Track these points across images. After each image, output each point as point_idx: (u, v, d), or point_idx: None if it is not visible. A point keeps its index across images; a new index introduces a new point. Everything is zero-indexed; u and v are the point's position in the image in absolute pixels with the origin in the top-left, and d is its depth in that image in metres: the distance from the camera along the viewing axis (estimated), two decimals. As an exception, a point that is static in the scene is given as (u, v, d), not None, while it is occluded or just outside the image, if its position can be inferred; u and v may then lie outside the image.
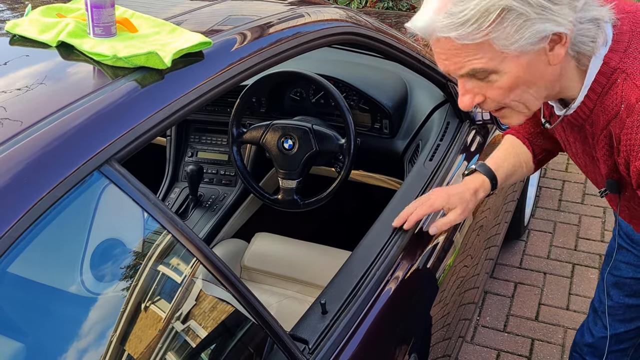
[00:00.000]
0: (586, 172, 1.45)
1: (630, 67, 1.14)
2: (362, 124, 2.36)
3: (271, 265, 2.12)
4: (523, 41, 1.08)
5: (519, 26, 1.07)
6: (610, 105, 1.17)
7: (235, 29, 1.39)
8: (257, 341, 1.23)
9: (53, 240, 0.95)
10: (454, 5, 1.09)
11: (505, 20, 1.07)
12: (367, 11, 4.33)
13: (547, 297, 2.89)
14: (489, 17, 1.06)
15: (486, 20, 1.06)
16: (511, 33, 1.07)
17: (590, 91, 1.19)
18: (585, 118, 1.24)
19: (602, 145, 1.24)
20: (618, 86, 1.15)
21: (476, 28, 1.07)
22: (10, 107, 1.04)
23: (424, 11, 1.15)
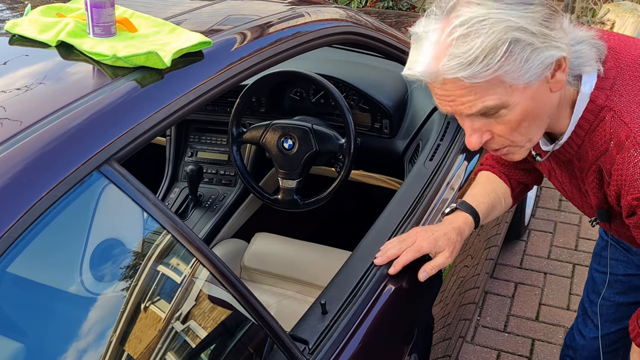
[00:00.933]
0: (573, 202, 1.46)
1: (618, 105, 1.16)
2: (362, 124, 2.35)
3: (271, 265, 2.12)
4: (532, 71, 1.07)
5: (527, 57, 1.06)
6: (599, 142, 1.19)
7: (235, 29, 1.39)
8: (257, 341, 1.23)
9: (53, 240, 0.95)
10: (458, 47, 1.06)
11: (513, 53, 1.05)
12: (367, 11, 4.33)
13: (547, 297, 2.89)
14: (498, 51, 1.05)
15: (495, 55, 1.05)
16: (521, 65, 1.06)
17: (578, 127, 1.21)
18: (573, 153, 1.26)
19: (592, 179, 1.26)
20: (606, 123, 1.17)
21: (486, 65, 1.05)
22: (10, 107, 1.04)
23: (419, 56, 1.12)
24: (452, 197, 1.87)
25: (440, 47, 1.08)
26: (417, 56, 1.13)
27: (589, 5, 5.78)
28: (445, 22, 1.09)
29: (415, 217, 1.69)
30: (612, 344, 1.81)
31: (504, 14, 1.05)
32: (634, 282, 1.70)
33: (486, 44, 1.04)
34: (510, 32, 1.05)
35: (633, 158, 1.14)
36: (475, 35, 1.05)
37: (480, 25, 1.05)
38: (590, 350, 1.86)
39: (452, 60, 1.06)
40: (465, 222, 1.51)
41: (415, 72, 1.13)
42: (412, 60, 1.15)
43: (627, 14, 5.18)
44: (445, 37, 1.08)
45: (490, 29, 1.05)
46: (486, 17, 1.05)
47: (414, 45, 1.15)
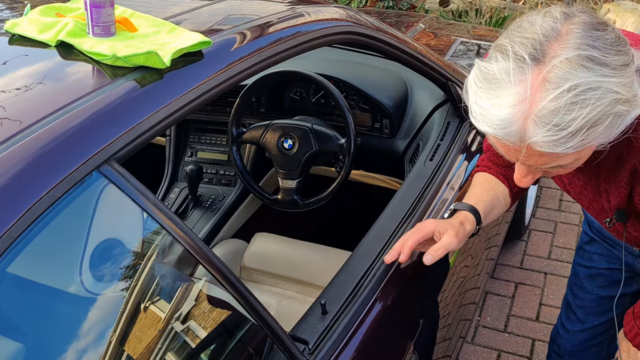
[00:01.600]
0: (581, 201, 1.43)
1: None
2: (362, 124, 2.35)
3: (271, 265, 2.12)
4: (617, 132, 1.00)
5: (619, 124, 0.99)
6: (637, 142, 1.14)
7: (235, 29, 1.39)
8: (257, 341, 1.23)
9: (52, 240, 0.95)
10: (561, 116, 0.94)
11: (611, 126, 0.97)
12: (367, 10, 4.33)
13: (547, 298, 2.89)
14: (599, 127, 0.96)
15: (595, 130, 0.96)
16: (611, 132, 0.99)
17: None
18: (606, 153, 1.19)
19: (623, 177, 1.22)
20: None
21: (582, 139, 0.96)
22: (10, 107, 1.04)
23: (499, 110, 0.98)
24: (452, 197, 1.87)
25: (533, 107, 0.96)
26: (497, 110, 0.99)
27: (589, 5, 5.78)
28: (537, 73, 0.96)
29: (415, 217, 1.69)
30: (597, 336, 1.82)
31: (613, 84, 0.95)
32: (617, 276, 1.71)
33: (591, 116, 0.94)
34: (616, 105, 0.96)
35: None
36: (582, 105, 0.94)
37: (589, 95, 0.94)
38: (574, 343, 1.86)
39: (552, 134, 0.95)
40: (466, 217, 1.43)
41: (497, 134, 1.00)
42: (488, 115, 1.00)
43: (627, 14, 5.18)
44: (541, 98, 0.96)
45: (599, 101, 0.94)
46: (596, 86, 0.94)
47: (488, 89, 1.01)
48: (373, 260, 1.51)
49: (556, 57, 0.96)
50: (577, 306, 1.83)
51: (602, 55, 0.96)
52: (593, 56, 0.96)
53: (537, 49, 0.98)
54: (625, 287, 1.67)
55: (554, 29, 0.99)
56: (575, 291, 1.83)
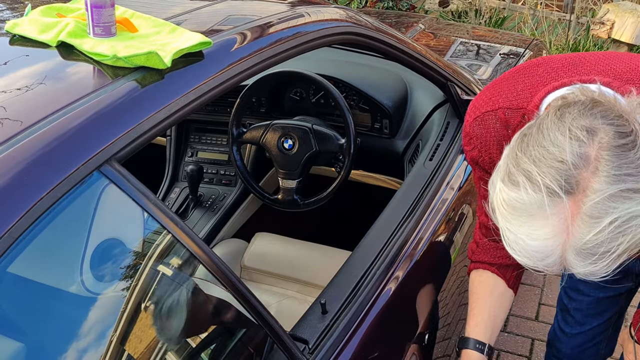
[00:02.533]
0: None
1: None
2: (362, 124, 2.35)
3: (271, 265, 2.12)
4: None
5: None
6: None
7: (235, 29, 1.39)
8: (257, 341, 1.23)
9: (53, 240, 0.95)
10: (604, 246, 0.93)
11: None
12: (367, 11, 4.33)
13: (547, 297, 2.89)
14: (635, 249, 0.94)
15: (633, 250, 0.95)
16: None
17: None
18: None
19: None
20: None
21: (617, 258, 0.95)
22: (10, 107, 1.04)
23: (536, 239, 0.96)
24: (451, 197, 1.88)
25: (571, 239, 0.94)
26: (531, 241, 0.97)
27: (589, 6, 5.78)
28: (574, 207, 0.94)
29: (415, 217, 1.69)
30: (596, 337, 1.83)
31: None
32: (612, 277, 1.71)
33: (633, 241, 0.93)
34: None
35: None
36: (625, 233, 0.93)
37: (633, 223, 0.92)
38: (573, 346, 1.87)
39: (592, 264, 0.94)
40: (470, 359, 1.44)
41: (535, 265, 0.98)
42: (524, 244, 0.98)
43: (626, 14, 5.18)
44: (582, 232, 0.93)
45: (636, 231, 0.93)
46: (637, 215, 0.92)
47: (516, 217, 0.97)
48: (373, 260, 1.52)
49: (594, 192, 0.93)
50: (575, 309, 1.83)
51: (636, 180, 0.93)
52: (632, 187, 0.93)
53: (569, 182, 0.94)
54: (621, 286, 1.67)
55: (582, 155, 0.94)
56: (570, 294, 1.83)
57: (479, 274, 1.50)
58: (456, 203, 1.90)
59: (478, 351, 1.44)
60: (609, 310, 1.77)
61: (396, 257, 1.56)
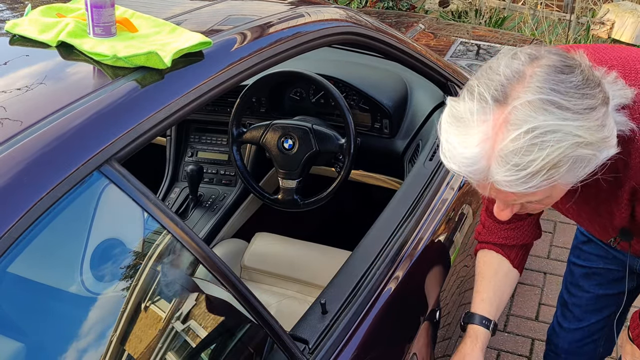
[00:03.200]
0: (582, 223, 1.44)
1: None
2: (362, 124, 2.35)
3: (271, 265, 2.12)
4: (586, 172, 1.02)
5: (584, 166, 1.01)
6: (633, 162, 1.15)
7: (235, 29, 1.39)
8: (257, 341, 1.23)
9: (53, 240, 0.95)
10: (520, 156, 0.96)
11: (575, 167, 0.99)
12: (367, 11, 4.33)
13: (547, 297, 2.89)
14: (560, 169, 0.97)
15: (557, 171, 0.97)
16: (577, 173, 1.01)
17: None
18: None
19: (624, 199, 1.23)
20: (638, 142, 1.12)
21: (545, 179, 0.98)
22: (10, 107, 1.04)
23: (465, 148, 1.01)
24: (451, 197, 1.88)
25: (495, 147, 0.98)
26: (463, 148, 1.02)
27: (589, 6, 5.78)
28: (500, 115, 0.99)
29: (415, 217, 1.69)
30: (593, 334, 1.83)
31: (573, 127, 0.96)
32: (614, 275, 1.71)
33: (550, 158, 0.96)
34: (575, 149, 0.97)
35: None
36: (540, 148, 0.96)
37: (548, 137, 0.96)
38: (570, 341, 1.87)
39: (512, 174, 0.98)
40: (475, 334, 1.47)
41: (461, 172, 1.03)
42: (455, 152, 1.03)
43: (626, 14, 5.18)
44: (503, 138, 0.98)
45: (558, 144, 0.96)
46: (555, 129, 0.96)
47: (456, 128, 1.03)
48: (373, 260, 1.52)
49: (518, 99, 0.98)
50: (574, 304, 1.83)
51: (564, 99, 0.97)
52: (554, 100, 0.97)
53: (499, 90, 0.99)
54: (622, 285, 1.67)
55: (518, 71, 1.00)
56: (571, 290, 1.83)
57: (485, 253, 1.56)
58: (456, 203, 1.90)
59: (483, 327, 1.47)
60: (608, 308, 1.77)
61: (396, 257, 1.56)
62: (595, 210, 1.35)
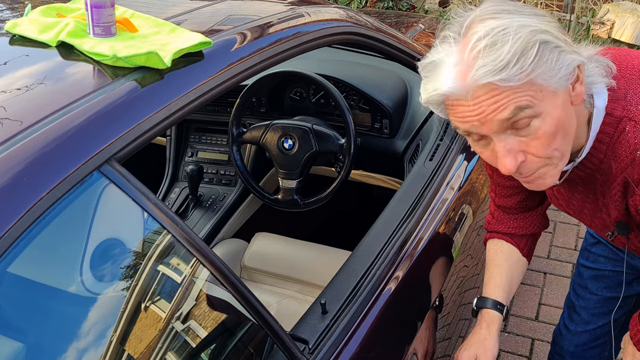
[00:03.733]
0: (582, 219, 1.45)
1: (637, 114, 1.16)
2: (362, 124, 2.35)
3: (271, 265, 2.12)
4: (561, 72, 1.06)
5: (556, 57, 1.05)
6: (623, 154, 1.18)
7: (235, 29, 1.39)
8: (257, 341, 1.23)
9: (53, 240, 0.95)
10: (485, 57, 1.03)
11: (544, 54, 1.04)
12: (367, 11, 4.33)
13: (547, 297, 2.89)
14: (529, 54, 1.03)
15: (527, 57, 1.03)
16: (552, 65, 1.05)
17: (597, 142, 1.20)
18: (595, 168, 1.24)
19: (616, 192, 1.25)
20: (628, 134, 1.16)
21: (519, 68, 1.03)
22: (10, 107, 1.04)
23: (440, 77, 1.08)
24: (451, 196, 1.88)
25: (465, 64, 1.05)
26: (438, 79, 1.08)
27: (589, 5, 5.78)
28: (464, 42, 1.07)
29: (415, 217, 1.69)
30: (599, 337, 1.82)
31: (524, 20, 1.05)
32: (622, 278, 1.71)
33: (516, 47, 1.02)
34: (537, 34, 1.04)
35: None
36: (502, 43, 1.03)
37: (504, 33, 1.03)
38: (576, 344, 1.86)
39: (484, 68, 1.03)
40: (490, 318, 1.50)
41: (441, 91, 1.08)
42: (431, 87, 1.10)
43: (626, 14, 5.18)
44: (469, 53, 1.05)
45: (516, 35, 1.03)
46: (508, 26, 1.04)
47: (431, 72, 1.10)
48: (373, 260, 1.51)
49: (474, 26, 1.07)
50: (581, 307, 1.82)
51: (510, 6, 1.07)
52: (503, 9, 1.07)
53: (463, 25, 1.09)
54: (630, 288, 1.67)
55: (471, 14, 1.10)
56: (578, 292, 1.83)
57: (495, 242, 1.61)
58: (456, 203, 1.90)
59: (497, 311, 1.50)
60: (615, 312, 1.76)
61: (396, 257, 1.56)
62: (595, 204, 1.35)
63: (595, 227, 1.45)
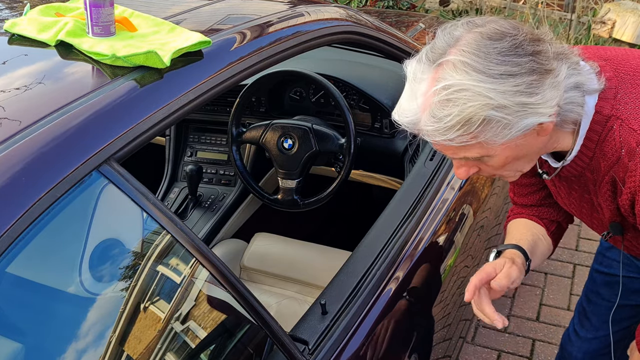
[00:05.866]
0: (582, 218, 1.45)
1: (624, 113, 1.17)
2: (362, 124, 2.35)
3: (271, 265, 2.11)
4: (510, 135, 1.09)
5: (503, 127, 1.08)
6: (610, 152, 1.19)
7: (235, 28, 1.39)
8: (257, 342, 1.23)
9: (52, 240, 0.95)
10: (439, 110, 1.07)
11: (489, 125, 1.07)
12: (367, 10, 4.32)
13: (548, 298, 2.89)
14: (473, 124, 1.06)
15: (470, 127, 1.07)
16: (497, 132, 1.08)
17: (587, 140, 1.21)
18: (585, 166, 1.26)
19: (605, 190, 1.26)
20: (615, 132, 1.18)
21: (462, 132, 1.07)
22: (9, 107, 1.04)
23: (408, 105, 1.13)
24: (452, 197, 1.87)
25: (426, 101, 1.10)
26: (407, 104, 1.14)
27: (590, 5, 5.78)
28: (434, 74, 1.10)
29: (415, 217, 1.69)
30: (609, 345, 1.80)
31: (483, 89, 1.05)
32: (635, 285, 1.70)
33: (462, 115, 1.06)
34: (486, 110, 1.05)
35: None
36: (454, 104, 1.06)
37: (460, 95, 1.06)
38: (585, 351, 1.84)
39: (433, 124, 1.08)
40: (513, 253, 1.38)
41: (401, 122, 1.15)
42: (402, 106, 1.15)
43: (627, 14, 5.18)
44: (431, 95, 1.09)
45: (468, 102, 1.05)
46: (466, 88, 1.06)
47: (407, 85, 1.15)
48: (373, 260, 1.51)
49: (447, 61, 1.09)
50: (592, 312, 1.80)
51: (481, 63, 1.06)
52: (471, 63, 1.07)
53: (436, 53, 1.11)
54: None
55: (456, 37, 1.11)
56: (591, 297, 1.81)
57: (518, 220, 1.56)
58: (457, 203, 1.89)
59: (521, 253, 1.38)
60: (627, 320, 1.74)
61: (397, 258, 1.55)
62: (591, 204, 1.35)
63: (594, 226, 1.45)
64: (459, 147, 1.12)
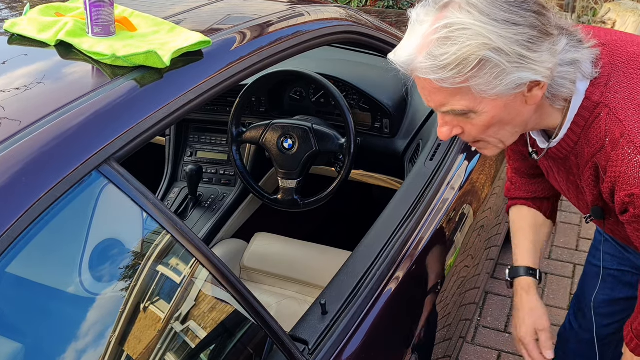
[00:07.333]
0: (570, 199, 1.49)
1: (613, 101, 1.18)
2: (362, 124, 2.35)
3: (271, 265, 2.11)
4: (501, 87, 1.10)
5: (496, 75, 1.09)
6: (595, 139, 1.21)
7: (235, 28, 1.39)
8: (257, 342, 1.23)
9: (52, 240, 0.95)
10: (436, 48, 1.09)
11: (484, 69, 1.08)
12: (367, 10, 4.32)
13: (548, 298, 2.89)
14: (468, 65, 1.07)
15: (465, 67, 1.07)
16: (490, 80, 1.09)
17: (574, 124, 1.23)
18: (570, 150, 1.28)
19: (588, 176, 1.28)
20: (601, 120, 1.18)
21: (456, 73, 1.08)
22: (9, 107, 1.04)
23: (407, 44, 1.14)
24: (452, 196, 1.87)
25: (424, 41, 1.11)
26: (405, 44, 1.15)
27: (590, 5, 5.78)
28: (436, 17, 1.11)
29: (415, 217, 1.69)
30: (604, 338, 1.81)
31: (485, 30, 1.07)
32: (626, 279, 1.71)
33: (459, 54, 1.07)
34: (484, 50, 1.06)
35: (627, 155, 1.15)
36: (453, 43, 1.07)
37: (460, 34, 1.07)
38: (580, 343, 1.86)
39: (428, 61, 1.09)
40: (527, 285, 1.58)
41: (396, 60, 1.16)
42: (400, 46, 1.16)
43: (628, 13, 5.18)
44: (430, 34, 1.10)
45: (468, 41, 1.07)
46: (468, 27, 1.07)
47: (409, 27, 1.17)
48: (373, 260, 1.51)
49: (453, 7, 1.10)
50: (587, 306, 1.82)
51: (486, 6, 1.08)
52: (476, 4, 1.08)
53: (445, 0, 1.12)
54: (635, 290, 1.66)
55: None
56: (585, 290, 1.82)
57: (518, 209, 1.66)
58: (457, 203, 1.89)
59: (530, 276, 1.58)
60: (620, 313, 1.75)
61: (397, 258, 1.55)
62: (577, 187, 1.38)
63: (580, 208, 1.48)
64: (447, 94, 1.13)
